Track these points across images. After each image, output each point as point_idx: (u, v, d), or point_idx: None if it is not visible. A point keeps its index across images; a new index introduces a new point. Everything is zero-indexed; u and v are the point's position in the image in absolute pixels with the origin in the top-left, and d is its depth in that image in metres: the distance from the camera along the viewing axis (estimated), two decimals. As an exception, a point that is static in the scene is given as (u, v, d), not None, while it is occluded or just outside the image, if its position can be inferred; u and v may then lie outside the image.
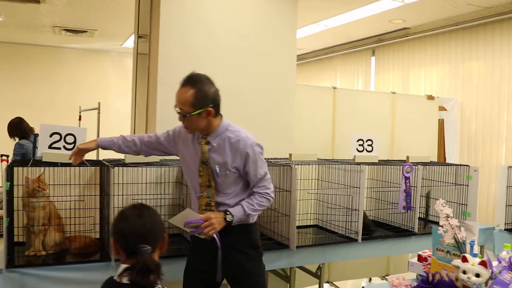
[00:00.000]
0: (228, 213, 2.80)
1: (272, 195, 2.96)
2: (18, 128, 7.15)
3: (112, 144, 3.09)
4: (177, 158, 3.73)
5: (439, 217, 4.49)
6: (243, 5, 4.46)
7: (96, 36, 8.65)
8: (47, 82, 9.86)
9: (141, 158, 3.41)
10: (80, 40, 9.20)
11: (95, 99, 9.02)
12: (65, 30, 8.16)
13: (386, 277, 5.67)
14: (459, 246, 2.47)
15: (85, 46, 9.94)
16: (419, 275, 2.80)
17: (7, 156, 7.72)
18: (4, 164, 7.89)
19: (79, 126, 6.84)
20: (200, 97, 2.71)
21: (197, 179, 2.90)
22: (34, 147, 7.06)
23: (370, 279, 5.99)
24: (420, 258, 2.90)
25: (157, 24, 4.14)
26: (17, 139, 7.22)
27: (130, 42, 9.22)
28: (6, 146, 7.87)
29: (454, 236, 2.48)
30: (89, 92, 9.95)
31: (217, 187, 2.88)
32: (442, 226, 2.52)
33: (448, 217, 2.49)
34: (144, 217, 1.96)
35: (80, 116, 8.11)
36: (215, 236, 2.77)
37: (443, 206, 2.52)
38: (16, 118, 7.27)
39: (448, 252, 2.58)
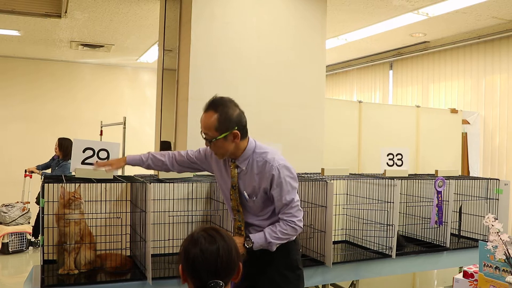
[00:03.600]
0: (248, 239, 2.72)
1: (300, 224, 2.78)
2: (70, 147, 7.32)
3: (141, 162, 3.07)
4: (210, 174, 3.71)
5: (472, 232, 4.53)
6: (273, 20, 4.44)
7: (113, 50, 8.64)
8: (61, 97, 9.85)
9: (174, 174, 3.38)
10: (96, 55, 9.20)
11: (109, 114, 9.04)
12: (82, 45, 8.15)
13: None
14: (510, 262, 2.41)
15: (100, 61, 9.94)
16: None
17: (32, 172, 7.75)
18: (28, 179, 7.91)
19: (101, 141, 6.82)
20: (223, 121, 2.66)
21: (230, 202, 2.88)
22: None
23: (395, 295, 5.91)
24: (466, 274, 2.82)
25: (187, 39, 4.11)
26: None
27: (146, 57, 9.21)
28: (29, 162, 7.89)
29: (504, 252, 2.41)
30: (104, 107, 9.99)
31: (249, 210, 2.83)
32: (490, 241, 2.46)
33: (499, 232, 2.43)
34: (220, 247, 1.79)
35: (101, 131, 8.06)
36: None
37: (493, 221, 2.46)
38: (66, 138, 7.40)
39: (497, 268, 2.52)
